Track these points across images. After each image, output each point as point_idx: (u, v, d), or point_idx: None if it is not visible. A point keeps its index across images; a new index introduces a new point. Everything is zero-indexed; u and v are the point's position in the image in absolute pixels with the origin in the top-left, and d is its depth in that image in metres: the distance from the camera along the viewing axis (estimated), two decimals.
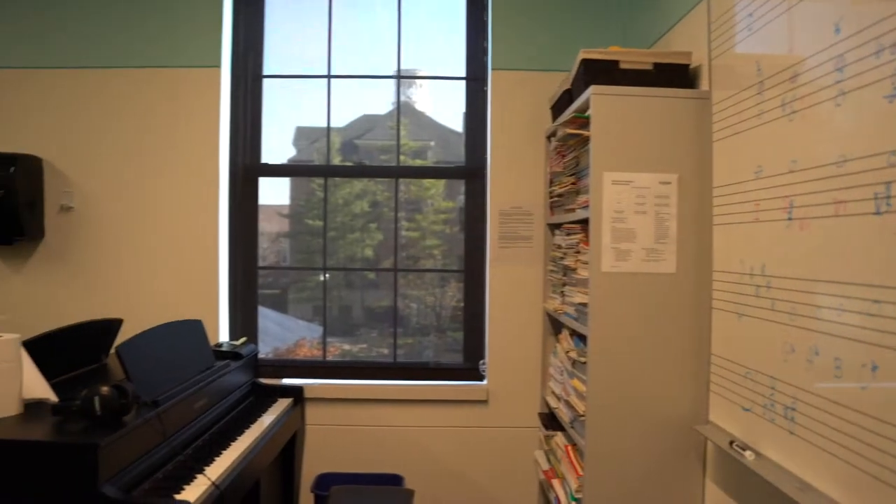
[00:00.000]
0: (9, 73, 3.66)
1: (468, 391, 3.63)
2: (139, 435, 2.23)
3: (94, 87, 3.63)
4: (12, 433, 2.09)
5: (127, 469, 2.15)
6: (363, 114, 3.95)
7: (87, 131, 3.63)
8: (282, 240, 4.03)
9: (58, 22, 3.64)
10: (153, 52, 3.62)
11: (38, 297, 3.64)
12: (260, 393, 3.49)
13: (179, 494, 2.17)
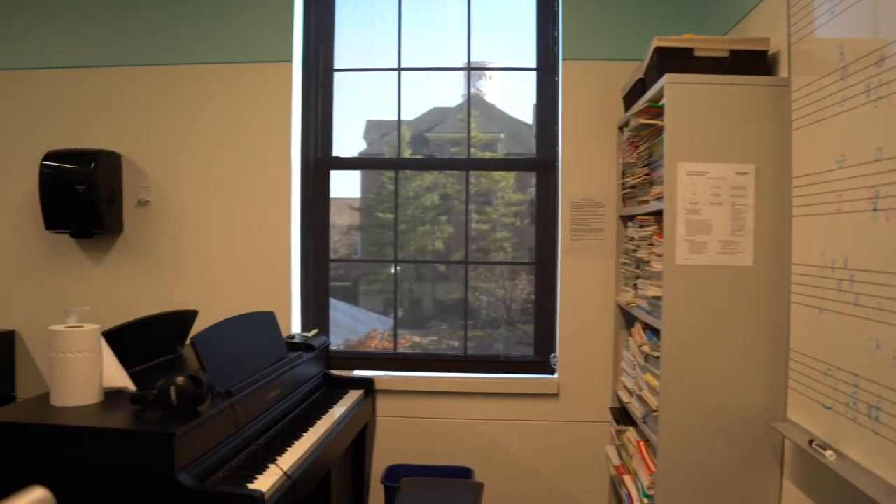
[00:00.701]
0: (90, 72, 3.78)
1: (539, 385, 3.60)
2: (213, 425, 2.27)
3: (169, 84, 3.72)
4: (93, 420, 2.14)
5: (201, 458, 2.19)
6: (433, 106, 3.94)
7: (164, 127, 3.72)
8: (353, 232, 4.06)
9: (134, 22, 3.74)
10: (226, 49, 3.68)
11: (117, 288, 3.75)
12: (331, 384, 3.53)
13: (252, 483, 2.20)
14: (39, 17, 3.83)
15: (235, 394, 2.41)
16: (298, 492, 2.35)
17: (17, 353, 3.87)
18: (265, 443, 2.57)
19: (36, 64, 3.82)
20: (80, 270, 3.78)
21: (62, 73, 3.80)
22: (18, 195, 3.82)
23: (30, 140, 3.79)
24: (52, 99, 3.81)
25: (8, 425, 2.13)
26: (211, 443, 2.26)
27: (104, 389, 2.36)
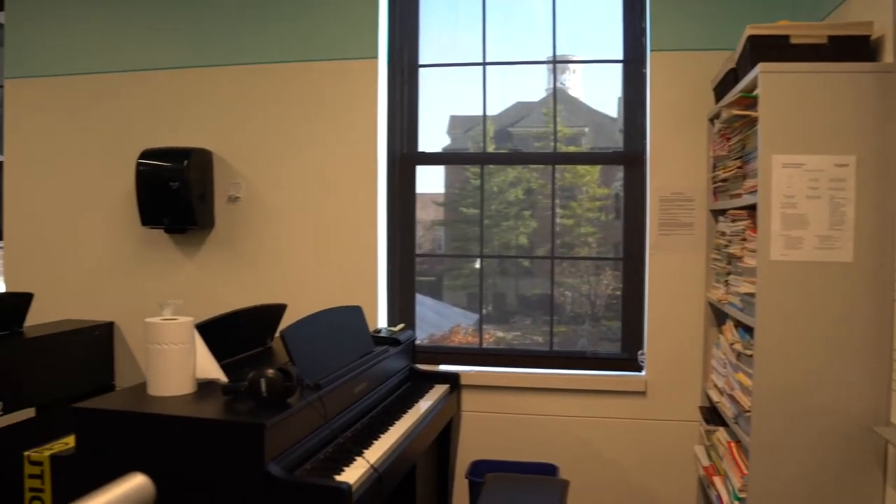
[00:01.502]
0: (183, 73, 3.90)
1: (626, 382, 3.54)
2: (302, 417, 2.30)
3: (258, 83, 3.80)
4: (187, 410, 2.19)
5: (290, 449, 2.22)
6: (516, 101, 3.92)
7: (253, 125, 3.81)
8: (436, 227, 4.07)
9: (225, 23, 3.84)
10: (313, 48, 3.74)
11: (209, 282, 3.86)
12: (417, 378, 3.55)
13: (339, 475, 2.22)
14: (136, 22, 3.97)
15: (324, 387, 2.44)
16: (384, 485, 2.37)
17: (116, 343, 4.02)
18: (352, 435, 2.60)
19: (133, 67, 3.97)
20: (174, 264, 3.91)
21: (157, 74, 3.93)
22: (117, 192, 3.98)
23: (128, 139, 3.94)
24: (149, 99, 3.94)
25: (108, 412, 2.21)
26: (299, 434, 2.29)
27: (197, 380, 2.42)
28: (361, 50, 3.68)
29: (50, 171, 4.12)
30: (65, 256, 4.09)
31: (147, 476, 1.14)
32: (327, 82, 3.73)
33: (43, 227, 4.13)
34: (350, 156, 3.71)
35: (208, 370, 2.45)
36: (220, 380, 2.43)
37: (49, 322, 3.98)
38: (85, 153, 4.06)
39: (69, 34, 4.08)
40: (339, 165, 3.72)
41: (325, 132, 3.73)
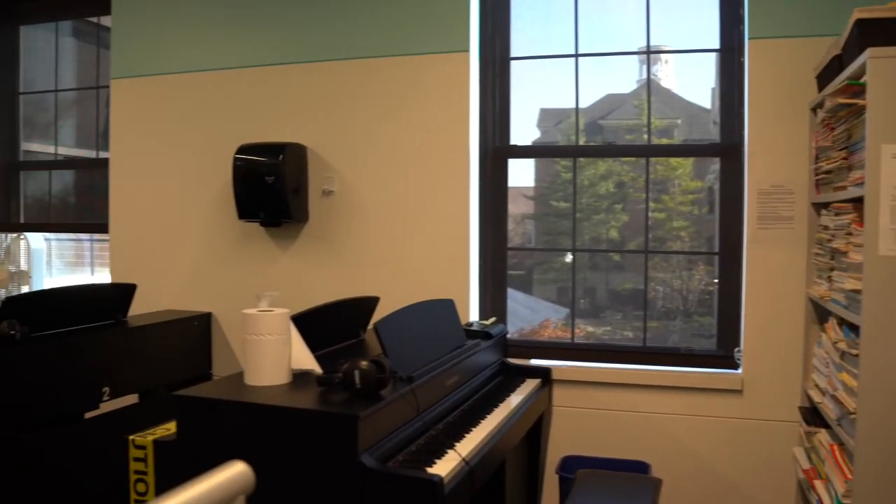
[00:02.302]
0: (277, 70, 3.98)
1: (721, 379, 3.44)
2: (395, 408, 2.32)
3: (350, 78, 3.85)
4: (283, 400, 2.23)
5: (383, 440, 2.23)
6: (607, 93, 3.86)
7: (346, 120, 3.86)
8: (526, 221, 4.05)
9: (316, 19, 3.90)
10: (405, 42, 3.76)
11: (303, 275, 3.93)
12: (508, 373, 3.54)
13: (431, 468, 2.22)
14: (233, 20, 4.07)
15: (416, 379, 2.46)
16: (476, 478, 2.36)
17: (213, 333, 4.14)
18: (444, 428, 2.61)
19: (230, 64, 4.07)
20: (269, 257, 4.00)
21: (253, 71, 4.03)
22: (215, 187, 4.09)
23: (225, 135, 4.04)
24: (245, 96, 4.04)
25: (208, 400, 2.27)
26: (392, 426, 2.31)
27: (292, 371, 2.46)
28: (453, 43, 3.68)
29: (152, 168, 4.27)
30: (166, 249, 4.24)
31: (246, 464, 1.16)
32: (419, 76, 3.75)
33: (146, 221, 4.29)
34: (442, 149, 3.72)
35: (303, 361, 2.49)
36: (315, 371, 2.47)
37: (151, 312, 4.13)
38: (185, 149, 4.19)
39: (170, 35, 4.22)
40: (432, 159, 3.74)
41: (418, 126, 3.75)
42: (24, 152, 5.03)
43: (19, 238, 4.95)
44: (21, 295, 3.19)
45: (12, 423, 3.06)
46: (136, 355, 3.64)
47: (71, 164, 4.94)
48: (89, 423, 3.43)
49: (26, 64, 5.03)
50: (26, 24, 4.98)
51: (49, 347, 3.21)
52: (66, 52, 4.92)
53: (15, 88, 5.02)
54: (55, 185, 4.94)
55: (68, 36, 4.93)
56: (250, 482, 1.13)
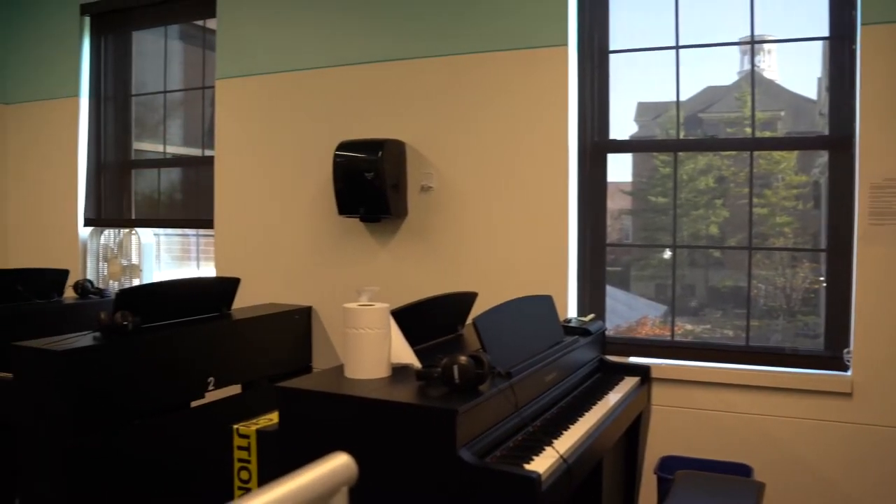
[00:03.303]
0: (377, 67, 4.04)
1: (829, 381, 3.31)
2: (493, 404, 2.31)
3: (449, 74, 3.87)
4: (382, 393, 2.25)
5: (481, 436, 2.23)
6: (706, 86, 3.76)
7: (444, 116, 3.88)
8: (624, 217, 4.00)
9: (415, 16, 3.94)
10: (502, 37, 3.76)
11: (402, 270, 3.97)
12: (606, 370, 3.49)
13: (529, 464, 2.21)
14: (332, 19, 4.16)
15: (515, 375, 2.45)
16: (573, 476, 2.34)
17: (314, 326, 4.23)
18: (541, 425, 2.59)
19: (330, 63, 4.15)
20: (369, 252, 4.06)
21: (353, 69, 4.10)
22: (316, 183, 4.18)
23: (325, 132, 4.13)
24: (344, 93, 4.12)
25: (309, 392, 2.32)
26: (490, 422, 2.31)
27: (392, 365, 2.49)
28: (551, 38, 3.66)
29: (255, 165, 4.40)
30: (268, 244, 4.35)
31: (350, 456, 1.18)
32: (517, 71, 3.73)
33: (249, 216, 4.42)
34: (540, 144, 3.70)
35: (403, 355, 2.51)
36: (414, 365, 2.49)
37: (254, 305, 4.25)
38: (286, 146, 4.30)
39: (272, 35, 4.33)
40: (530, 154, 3.72)
41: (516, 121, 3.74)
42: (135, 151, 5.26)
43: (131, 233, 5.17)
44: (133, 288, 3.34)
45: (125, 410, 3.20)
46: (239, 347, 3.76)
47: (178, 163, 5.12)
48: (195, 412, 3.56)
49: (137, 67, 5.25)
50: (138, 29, 5.20)
51: (158, 338, 3.34)
52: (174, 55, 5.11)
53: (128, 91, 5.26)
54: (163, 183, 5.14)
55: (176, 39, 5.12)
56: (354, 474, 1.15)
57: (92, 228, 5.32)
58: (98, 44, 5.29)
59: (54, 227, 5.34)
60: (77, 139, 5.24)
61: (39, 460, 3.04)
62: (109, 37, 5.29)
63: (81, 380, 3.00)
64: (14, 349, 3.08)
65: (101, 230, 5.32)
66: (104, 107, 5.30)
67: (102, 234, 5.32)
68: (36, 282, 4.38)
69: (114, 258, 5.19)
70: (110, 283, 5.21)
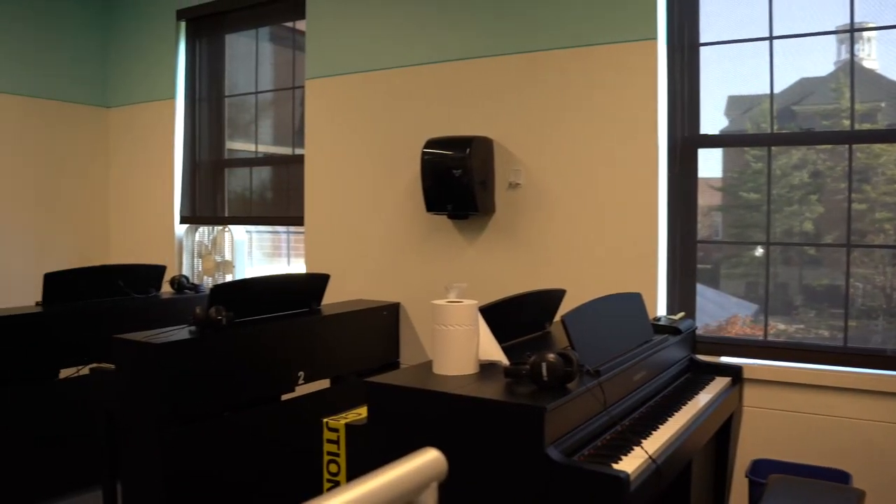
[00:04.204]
0: (464, 64, 4.06)
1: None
2: (581, 402, 2.30)
3: (536, 70, 3.86)
4: (470, 390, 2.26)
5: (568, 434, 2.22)
6: (800, 77, 3.65)
7: (531, 112, 3.87)
8: (713, 213, 3.91)
9: (501, 13, 3.94)
10: (591, 31, 3.73)
11: (489, 267, 3.98)
12: (696, 370, 3.43)
13: (617, 464, 2.19)
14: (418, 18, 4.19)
15: (603, 373, 2.43)
16: (662, 477, 2.31)
17: (401, 322, 4.28)
18: (630, 424, 2.57)
19: (417, 61, 4.19)
20: (456, 249, 4.08)
21: (440, 66, 4.13)
22: (404, 181, 4.23)
23: (413, 130, 4.17)
24: (432, 91, 4.15)
25: (398, 388, 2.34)
26: (578, 420, 2.29)
27: (480, 361, 2.50)
28: (640, 32, 3.61)
29: (344, 163, 4.47)
30: (357, 241, 4.42)
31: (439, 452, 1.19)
32: (606, 66, 3.70)
33: (338, 213, 4.50)
34: (629, 140, 3.65)
35: (491, 352, 2.52)
36: (502, 362, 2.49)
37: (343, 301, 4.33)
38: (374, 144, 4.36)
39: (359, 35, 4.40)
40: (619, 150, 3.68)
41: (604, 116, 3.71)
42: (227, 150, 5.41)
43: (224, 230, 5.33)
44: (226, 283, 3.44)
45: (218, 402, 3.31)
46: (328, 342, 3.83)
47: (269, 161, 5.25)
48: (285, 405, 3.65)
49: (230, 69, 5.40)
50: (230, 32, 5.35)
51: (251, 333, 3.43)
52: (265, 57, 5.24)
53: (221, 92, 5.41)
54: (255, 181, 5.27)
55: (266, 41, 5.24)
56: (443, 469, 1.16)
57: (187, 226, 5.51)
58: (193, 47, 5.47)
59: (152, 224, 5.56)
60: (173, 140, 5.44)
61: (137, 447, 3.17)
62: (203, 40, 5.46)
63: (177, 372, 3.11)
64: (115, 342, 3.21)
65: (196, 227, 5.50)
66: (198, 108, 5.48)
67: (197, 232, 5.50)
68: (135, 277, 4.57)
69: (208, 255, 5.36)
70: (204, 279, 5.38)
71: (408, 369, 2.59)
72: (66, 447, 4.12)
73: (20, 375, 3.90)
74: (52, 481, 4.07)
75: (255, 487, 3.49)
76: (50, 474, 4.05)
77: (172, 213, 5.45)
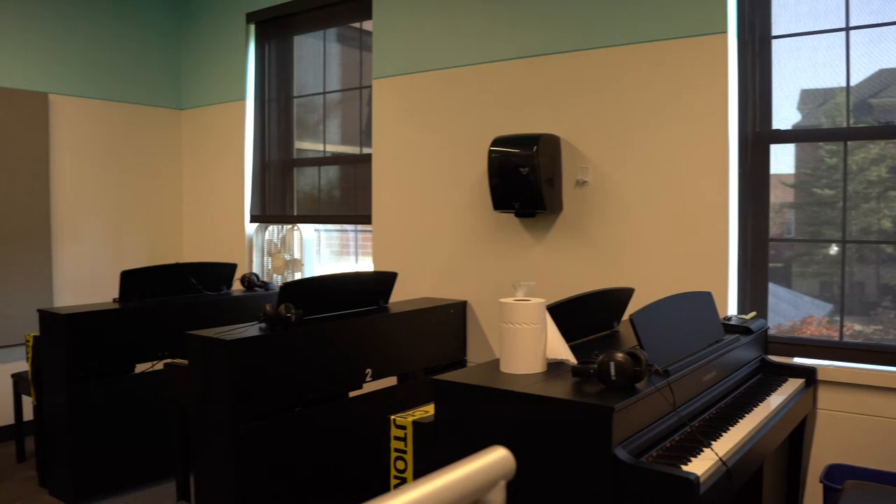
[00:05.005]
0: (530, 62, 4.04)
1: None
2: (650, 402, 2.28)
3: (602, 66, 3.82)
4: (537, 389, 2.25)
5: (636, 435, 2.20)
6: (877, 69, 3.53)
7: (599, 109, 3.84)
8: (785, 210, 3.82)
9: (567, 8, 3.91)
10: (657, 27, 3.67)
11: (557, 265, 3.96)
12: (768, 371, 3.36)
13: (686, 466, 2.16)
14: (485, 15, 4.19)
15: (672, 373, 2.40)
16: (733, 480, 2.27)
17: (468, 320, 4.29)
18: (699, 426, 2.53)
19: (483, 59, 4.19)
20: (524, 247, 4.07)
21: (505, 64, 4.12)
22: (470, 179, 4.24)
23: (479, 128, 4.18)
24: (498, 89, 4.15)
25: (466, 386, 2.35)
26: (646, 420, 2.27)
27: (547, 360, 2.50)
28: (709, 25, 3.54)
29: (411, 161, 4.51)
30: (424, 239, 4.45)
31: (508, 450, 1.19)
32: (674, 61, 3.64)
33: (405, 212, 4.53)
34: (699, 136, 3.60)
35: (558, 351, 2.51)
36: (570, 361, 2.49)
37: (410, 299, 4.36)
38: (441, 143, 4.38)
39: (425, 34, 4.42)
40: (688, 146, 3.63)
41: (673, 112, 3.65)
42: (296, 150, 5.50)
43: (293, 229, 5.42)
44: (296, 281, 3.49)
45: (288, 398, 3.37)
46: (396, 340, 3.87)
47: (337, 161, 5.32)
48: (353, 402, 3.70)
49: (298, 70, 5.49)
50: (299, 34, 5.43)
51: (319, 330, 3.49)
52: (332, 57, 5.30)
53: (289, 93, 5.51)
54: (323, 180, 5.35)
55: (334, 42, 5.31)
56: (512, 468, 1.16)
57: (257, 224, 5.62)
58: (262, 49, 5.58)
59: (223, 223, 5.69)
60: (243, 140, 5.55)
61: (209, 441, 3.25)
62: (272, 42, 5.56)
63: (248, 368, 3.18)
64: (188, 338, 3.30)
65: (266, 226, 5.61)
66: (268, 109, 5.59)
67: (267, 230, 5.60)
68: (207, 275, 4.68)
69: (277, 253, 5.45)
70: (274, 277, 5.48)
71: (475, 367, 2.60)
72: (141, 440, 4.25)
73: (99, 370, 4.04)
74: (128, 472, 4.21)
75: (323, 482, 3.54)
76: (126, 465, 4.19)
77: (243, 212, 5.57)
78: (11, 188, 5.08)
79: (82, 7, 5.42)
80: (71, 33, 5.37)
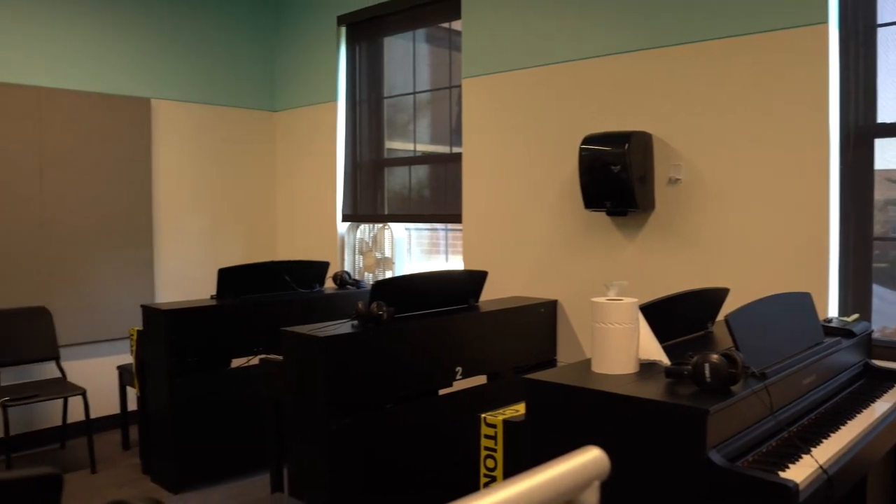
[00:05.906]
0: (620, 58, 4.00)
1: None
2: (745, 406, 2.23)
3: (695, 62, 3.75)
4: (630, 390, 2.23)
5: (731, 439, 2.16)
6: None
7: (691, 105, 3.76)
8: (890, 207, 3.67)
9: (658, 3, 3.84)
10: (753, 19, 3.58)
11: (649, 264, 3.91)
12: (872, 376, 3.23)
13: (784, 472, 2.10)
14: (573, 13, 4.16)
15: (770, 376, 2.34)
16: (834, 490, 2.19)
17: (559, 320, 4.28)
18: (798, 431, 2.45)
19: (572, 56, 4.17)
20: (615, 246, 4.03)
21: (595, 61, 4.09)
22: (561, 177, 4.22)
23: (570, 126, 4.15)
24: (588, 87, 4.12)
25: (557, 385, 2.34)
26: (741, 424, 2.22)
27: (640, 361, 2.47)
28: (808, 16, 3.43)
29: (501, 160, 4.51)
30: (514, 238, 4.45)
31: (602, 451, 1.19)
32: (771, 54, 3.54)
33: (495, 211, 4.55)
34: (797, 131, 3.48)
35: (651, 351, 2.48)
36: (663, 362, 2.45)
37: (500, 298, 4.37)
38: (531, 142, 4.37)
39: (514, 33, 4.42)
40: (786, 141, 3.52)
41: (770, 107, 3.55)
42: (387, 150, 5.57)
43: (384, 228, 5.49)
44: (387, 280, 3.54)
45: (379, 394, 3.42)
46: (486, 338, 3.88)
47: (427, 160, 5.36)
48: (443, 400, 3.73)
49: (388, 71, 5.56)
50: (388, 35, 5.50)
51: (411, 328, 3.53)
52: (422, 58, 5.35)
53: (380, 93, 5.58)
54: (413, 179, 5.40)
55: (423, 42, 5.35)
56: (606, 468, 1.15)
57: (349, 224, 5.72)
58: (353, 51, 5.67)
59: (316, 222, 5.81)
60: (335, 141, 5.66)
61: (303, 435, 3.33)
62: (363, 44, 5.65)
63: (340, 364, 3.25)
64: (283, 334, 3.39)
65: (357, 225, 5.71)
66: (359, 109, 5.68)
67: (358, 229, 5.70)
68: (300, 273, 4.79)
69: (369, 251, 5.54)
70: (365, 275, 5.57)
71: (566, 367, 2.59)
72: (237, 432, 4.39)
73: (197, 365, 4.19)
74: (225, 463, 4.35)
75: (414, 478, 3.58)
76: (223, 457, 4.33)
77: (335, 211, 5.68)
78: (118, 190, 5.31)
79: (183, 17, 5.63)
80: (171, 42, 5.58)
